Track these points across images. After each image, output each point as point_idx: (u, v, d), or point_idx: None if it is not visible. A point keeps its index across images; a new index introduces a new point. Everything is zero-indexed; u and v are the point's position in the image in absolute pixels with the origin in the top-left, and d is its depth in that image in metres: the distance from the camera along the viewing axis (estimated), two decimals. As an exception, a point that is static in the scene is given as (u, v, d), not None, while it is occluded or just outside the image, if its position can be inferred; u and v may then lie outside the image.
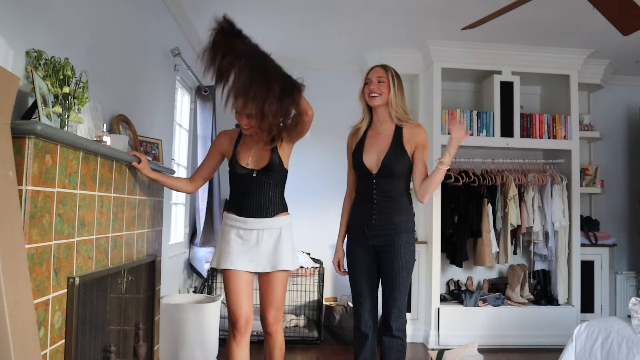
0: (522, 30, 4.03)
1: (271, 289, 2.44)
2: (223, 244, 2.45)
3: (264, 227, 2.41)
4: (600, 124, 5.09)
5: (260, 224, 2.41)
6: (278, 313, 2.46)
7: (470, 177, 4.41)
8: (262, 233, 2.41)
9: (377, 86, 2.48)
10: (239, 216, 2.43)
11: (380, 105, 2.51)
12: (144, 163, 2.37)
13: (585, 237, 4.69)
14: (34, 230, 1.56)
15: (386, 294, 2.48)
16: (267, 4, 3.65)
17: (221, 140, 2.56)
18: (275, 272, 2.42)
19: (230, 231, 2.44)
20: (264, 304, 2.47)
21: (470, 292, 4.36)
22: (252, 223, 2.41)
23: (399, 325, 2.46)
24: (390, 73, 2.51)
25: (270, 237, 2.42)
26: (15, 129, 1.49)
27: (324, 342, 4.29)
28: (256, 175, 2.42)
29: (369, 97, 2.51)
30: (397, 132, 2.50)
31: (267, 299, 2.45)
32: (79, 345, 1.86)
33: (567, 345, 3.01)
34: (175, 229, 4.15)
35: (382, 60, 4.56)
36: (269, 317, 2.45)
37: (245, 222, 2.42)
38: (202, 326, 3.36)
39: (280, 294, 2.46)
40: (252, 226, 2.41)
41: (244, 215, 2.43)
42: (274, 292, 2.44)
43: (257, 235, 2.41)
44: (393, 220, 2.45)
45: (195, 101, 4.42)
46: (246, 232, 2.41)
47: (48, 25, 1.99)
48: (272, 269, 2.41)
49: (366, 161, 2.49)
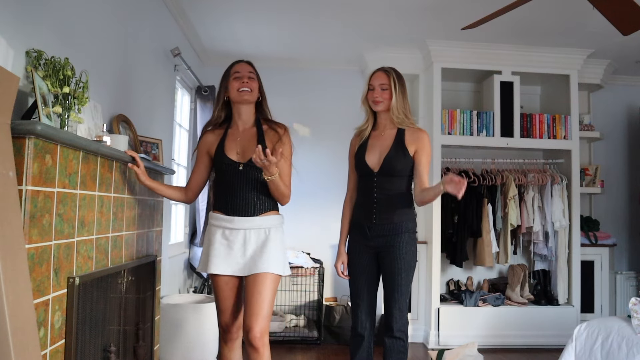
0: (522, 30, 4.03)
1: (258, 294, 2.16)
2: (208, 246, 2.28)
3: (251, 227, 2.23)
4: (600, 124, 5.09)
5: (247, 223, 2.23)
6: (265, 323, 2.17)
7: (470, 177, 4.41)
8: (249, 233, 2.23)
9: (380, 94, 2.48)
10: (224, 215, 2.26)
11: (383, 110, 2.53)
12: (141, 169, 2.29)
13: (585, 237, 4.69)
14: (34, 230, 1.56)
15: (387, 295, 2.47)
16: (267, 4, 3.65)
17: (205, 139, 2.39)
18: (260, 276, 2.18)
19: (216, 232, 2.26)
20: (248, 312, 2.17)
21: (470, 292, 4.36)
22: (238, 222, 2.23)
23: (400, 327, 2.45)
24: (392, 78, 2.50)
25: (258, 237, 2.23)
26: (15, 129, 1.50)
27: (324, 342, 4.29)
28: (242, 168, 2.24)
29: (372, 103, 2.52)
30: (399, 133, 2.51)
31: (253, 307, 2.16)
32: (79, 345, 1.86)
33: (567, 345, 3.01)
34: (175, 229, 4.15)
35: (382, 60, 4.58)
36: (254, 329, 2.14)
37: (231, 221, 2.24)
38: (202, 326, 3.36)
39: (268, 302, 2.17)
40: (238, 225, 2.23)
41: (230, 213, 2.25)
42: (261, 298, 2.16)
43: (244, 235, 2.23)
44: (393, 220, 2.45)
45: (195, 101, 4.42)
46: (232, 232, 2.23)
47: (48, 25, 1.99)
48: (257, 271, 2.18)
49: (368, 160, 2.49)
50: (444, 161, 4.48)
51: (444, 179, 2.17)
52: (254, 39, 4.35)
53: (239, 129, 2.33)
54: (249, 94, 2.29)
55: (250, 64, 2.36)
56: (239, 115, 2.34)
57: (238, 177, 2.25)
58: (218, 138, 2.34)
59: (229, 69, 2.35)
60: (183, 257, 4.28)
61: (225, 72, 2.35)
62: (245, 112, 2.33)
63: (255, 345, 2.15)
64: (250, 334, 2.14)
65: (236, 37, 4.31)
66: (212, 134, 2.37)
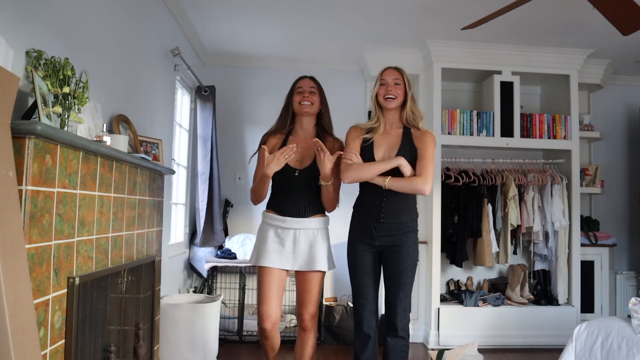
0: (522, 30, 4.03)
1: (307, 288, 2.53)
2: (261, 242, 2.54)
3: (301, 227, 2.50)
4: (600, 124, 5.09)
5: (298, 224, 2.50)
6: (315, 310, 2.57)
7: (470, 177, 4.41)
8: (298, 233, 2.50)
9: (393, 88, 2.46)
10: (278, 215, 2.53)
11: (394, 108, 2.49)
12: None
13: (585, 237, 4.69)
14: (34, 230, 1.56)
15: (391, 294, 2.45)
16: (267, 4, 3.65)
17: (270, 141, 2.62)
18: (310, 272, 2.51)
19: (269, 230, 2.53)
20: (300, 302, 2.57)
21: (470, 292, 4.36)
22: (290, 222, 2.50)
23: (403, 326, 2.45)
24: (405, 75, 2.50)
25: (307, 237, 2.50)
26: (15, 129, 1.49)
27: (324, 342, 4.29)
28: (298, 174, 2.51)
29: (384, 98, 2.47)
30: (406, 131, 2.49)
31: (304, 298, 2.54)
32: (79, 345, 1.86)
33: (567, 345, 3.01)
34: (175, 229, 4.15)
35: (382, 60, 4.59)
36: (305, 315, 2.55)
37: (283, 221, 2.51)
38: (202, 326, 3.36)
39: (316, 294, 2.55)
40: (290, 225, 2.50)
41: (283, 214, 2.52)
42: (310, 291, 2.53)
43: (294, 234, 2.50)
44: (401, 219, 2.44)
45: (195, 101, 4.42)
46: (284, 231, 2.51)
47: (48, 25, 1.99)
48: (308, 268, 2.49)
49: (377, 157, 2.46)
50: (444, 161, 4.48)
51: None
52: (254, 38, 4.35)
53: (300, 137, 2.60)
54: (310, 107, 2.57)
55: (313, 79, 2.68)
56: (300, 125, 2.63)
57: (294, 182, 2.51)
58: (279, 142, 2.60)
59: (294, 84, 2.67)
60: (183, 257, 4.28)
61: (291, 87, 2.67)
62: (306, 123, 2.61)
63: (305, 326, 2.56)
64: (302, 317, 2.56)
65: (236, 37, 4.31)
66: (275, 138, 2.63)
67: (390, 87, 2.46)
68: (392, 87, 2.46)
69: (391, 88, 2.46)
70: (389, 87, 2.46)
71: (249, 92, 4.96)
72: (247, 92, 4.96)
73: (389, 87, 2.46)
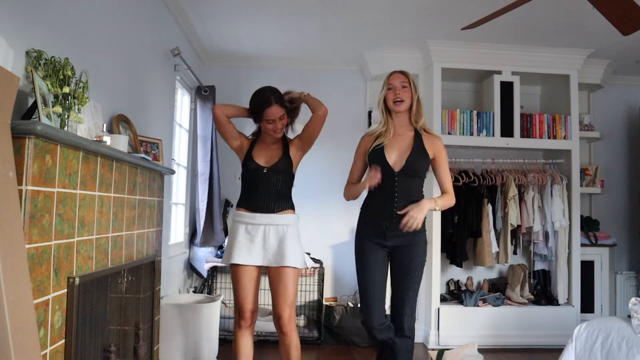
0: (522, 30, 4.03)
1: (282, 285, 2.52)
2: (232, 240, 2.59)
3: (270, 223, 2.55)
4: (600, 124, 5.08)
5: (267, 219, 2.55)
6: (291, 311, 2.54)
7: (470, 177, 4.41)
8: (268, 229, 2.55)
9: (401, 91, 2.50)
10: (247, 212, 2.59)
11: (402, 111, 2.53)
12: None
13: (585, 237, 4.69)
14: (34, 230, 1.56)
15: (399, 293, 2.46)
16: (267, 4, 3.65)
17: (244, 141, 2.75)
18: (282, 268, 2.52)
19: (239, 227, 2.58)
20: (275, 301, 2.56)
21: (470, 292, 4.36)
22: (259, 218, 2.56)
23: (410, 325, 2.46)
24: (411, 79, 2.54)
25: (277, 233, 2.55)
26: (15, 129, 1.49)
27: (324, 342, 4.29)
28: (266, 172, 2.58)
29: (393, 103, 2.51)
30: (417, 135, 2.53)
31: (278, 296, 2.54)
32: (79, 345, 1.86)
33: (567, 345, 3.01)
34: (175, 229, 4.15)
35: (382, 60, 4.58)
36: (283, 316, 2.52)
37: (253, 217, 2.57)
38: (202, 326, 3.36)
39: (291, 291, 2.54)
40: (259, 221, 2.56)
41: (252, 210, 2.58)
42: (285, 288, 2.52)
43: (264, 230, 2.55)
44: None
45: (195, 101, 4.42)
46: (254, 227, 2.56)
47: (48, 25, 1.99)
48: (277, 264, 2.52)
49: (389, 159, 2.48)
50: (444, 161, 4.48)
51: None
52: (254, 38, 4.35)
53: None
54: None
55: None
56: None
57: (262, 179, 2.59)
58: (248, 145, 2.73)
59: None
60: (183, 257, 4.28)
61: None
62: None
63: (285, 330, 2.53)
64: (280, 320, 2.52)
65: (236, 37, 4.31)
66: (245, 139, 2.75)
67: (398, 91, 2.50)
68: (400, 91, 2.50)
69: (399, 92, 2.49)
70: (397, 90, 2.50)
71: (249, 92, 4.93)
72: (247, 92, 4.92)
73: (397, 90, 2.50)
